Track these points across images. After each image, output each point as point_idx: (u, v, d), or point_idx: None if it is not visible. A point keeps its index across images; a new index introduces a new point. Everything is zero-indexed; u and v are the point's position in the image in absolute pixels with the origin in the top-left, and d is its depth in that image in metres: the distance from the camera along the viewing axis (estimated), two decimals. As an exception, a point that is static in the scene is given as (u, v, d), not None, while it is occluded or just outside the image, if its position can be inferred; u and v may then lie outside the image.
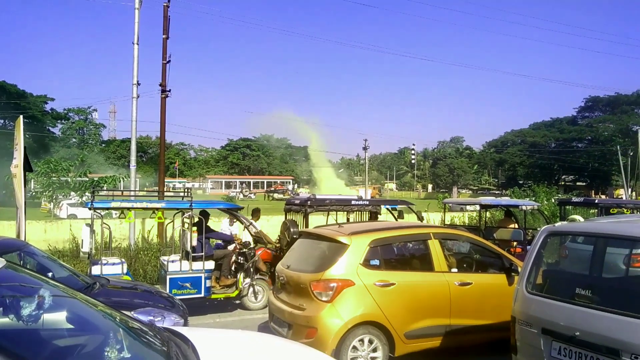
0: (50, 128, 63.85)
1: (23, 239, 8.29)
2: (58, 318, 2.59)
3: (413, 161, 67.82)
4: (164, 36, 16.47)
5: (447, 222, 14.93)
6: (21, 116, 9.31)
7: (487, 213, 15.63)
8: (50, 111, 61.37)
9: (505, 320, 5.05)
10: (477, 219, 16.08)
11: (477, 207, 13.55)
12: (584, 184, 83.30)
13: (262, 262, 9.47)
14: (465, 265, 7.13)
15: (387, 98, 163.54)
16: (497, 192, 76.70)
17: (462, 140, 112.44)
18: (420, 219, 11.17)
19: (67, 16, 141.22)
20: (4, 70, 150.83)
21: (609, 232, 4.70)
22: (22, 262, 5.58)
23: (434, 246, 6.36)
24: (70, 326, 2.72)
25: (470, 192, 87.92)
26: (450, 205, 28.87)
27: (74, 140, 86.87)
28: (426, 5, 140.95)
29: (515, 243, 10.90)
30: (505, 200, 13.95)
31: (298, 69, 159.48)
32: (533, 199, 20.83)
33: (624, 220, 5.35)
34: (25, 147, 9.22)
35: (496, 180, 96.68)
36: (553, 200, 22.38)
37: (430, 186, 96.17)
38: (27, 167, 9.69)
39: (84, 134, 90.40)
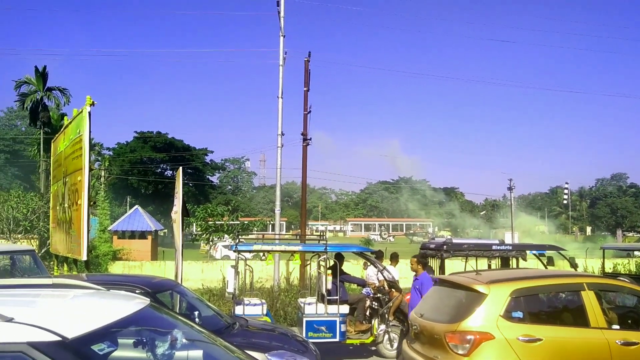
0: (209, 177, 70.81)
1: (180, 279, 9.13)
2: (189, 358, 2.76)
3: (565, 201, 61.88)
4: (304, 89, 17.52)
5: (608, 270, 13.25)
6: (180, 167, 10.40)
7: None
8: (209, 162, 68.23)
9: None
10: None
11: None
12: None
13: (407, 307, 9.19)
14: (629, 321, 6.19)
15: (536, 135, 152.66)
16: (674, 235, 66.36)
17: (625, 177, 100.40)
18: (574, 266, 10.06)
19: (222, 78, 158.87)
20: (172, 127, 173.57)
21: None
22: (172, 300, 6.13)
23: (589, 298, 5.64)
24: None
25: (638, 235, 77.29)
26: (616, 251, 25.72)
27: (229, 187, 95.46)
28: (581, 35, 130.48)
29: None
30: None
31: (437, 111, 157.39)
32: None
33: None
34: (183, 195, 10.30)
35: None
36: None
37: (589, 229, 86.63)
38: (185, 213, 10.80)
39: (238, 182, 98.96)
